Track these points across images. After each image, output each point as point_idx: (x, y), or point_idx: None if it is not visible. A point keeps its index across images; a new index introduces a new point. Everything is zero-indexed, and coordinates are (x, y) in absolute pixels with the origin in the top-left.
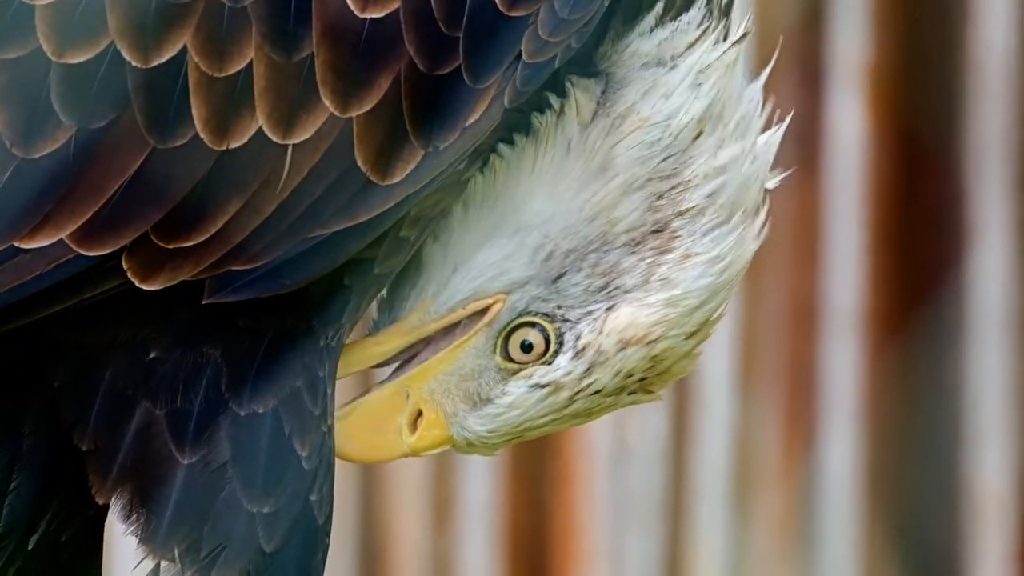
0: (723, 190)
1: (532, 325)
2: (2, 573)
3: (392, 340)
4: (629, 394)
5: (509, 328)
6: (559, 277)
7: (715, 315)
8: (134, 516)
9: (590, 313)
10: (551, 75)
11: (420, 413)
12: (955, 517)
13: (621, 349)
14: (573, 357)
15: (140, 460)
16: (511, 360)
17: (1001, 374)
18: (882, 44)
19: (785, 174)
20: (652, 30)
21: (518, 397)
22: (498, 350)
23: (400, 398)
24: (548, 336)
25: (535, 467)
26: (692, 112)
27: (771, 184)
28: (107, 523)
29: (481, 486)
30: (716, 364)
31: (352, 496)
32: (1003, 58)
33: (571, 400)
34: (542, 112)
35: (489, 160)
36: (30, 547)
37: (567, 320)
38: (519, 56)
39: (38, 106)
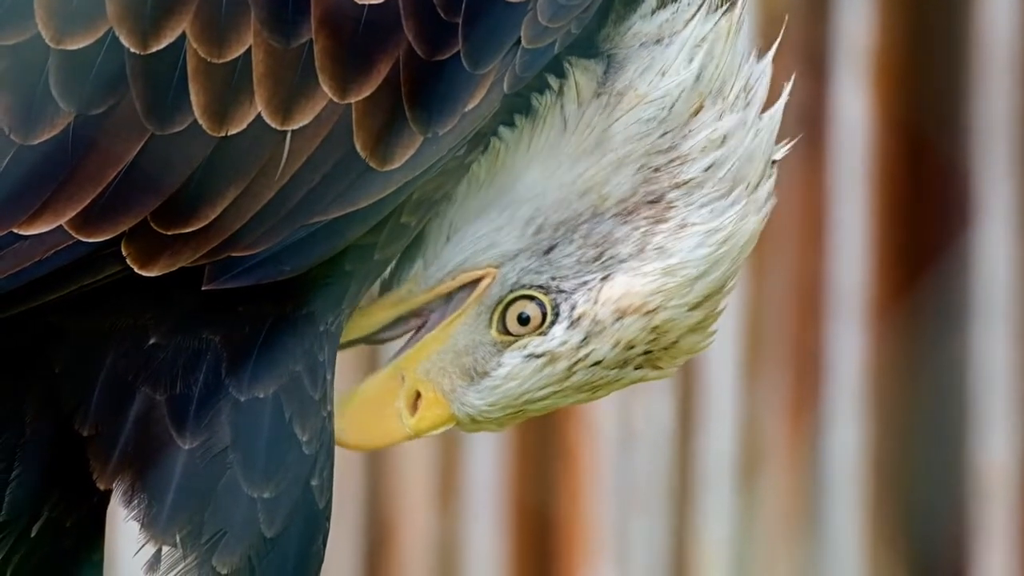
0: (723, 163)
1: (530, 298)
2: (6, 560)
3: (381, 311)
4: (636, 368)
5: (506, 302)
6: (551, 249)
7: (720, 288)
8: (135, 501)
9: (585, 283)
10: (554, 59)
11: (418, 394)
12: (961, 499)
13: (618, 319)
14: (568, 327)
15: (141, 445)
16: (508, 333)
17: (1006, 356)
18: (887, 27)
19: (789, 144)
20: (653, 12)
21: (514, 368)
22: (495, 324)
23: (396, 381)
24: (544, 308)
25: (540, 450)
26: (685, 83)
27: (777, 156)
28: (109, 509)
29: (486, 470)
30: (721, 348)
31: (358, 479)
32: (1007, 41)
33: (570, 371)
34: (542, 93)
35: (490, 143)
36: (33, 534)
37: (562, 291)
38: (518, 42)
39: (37, 92)
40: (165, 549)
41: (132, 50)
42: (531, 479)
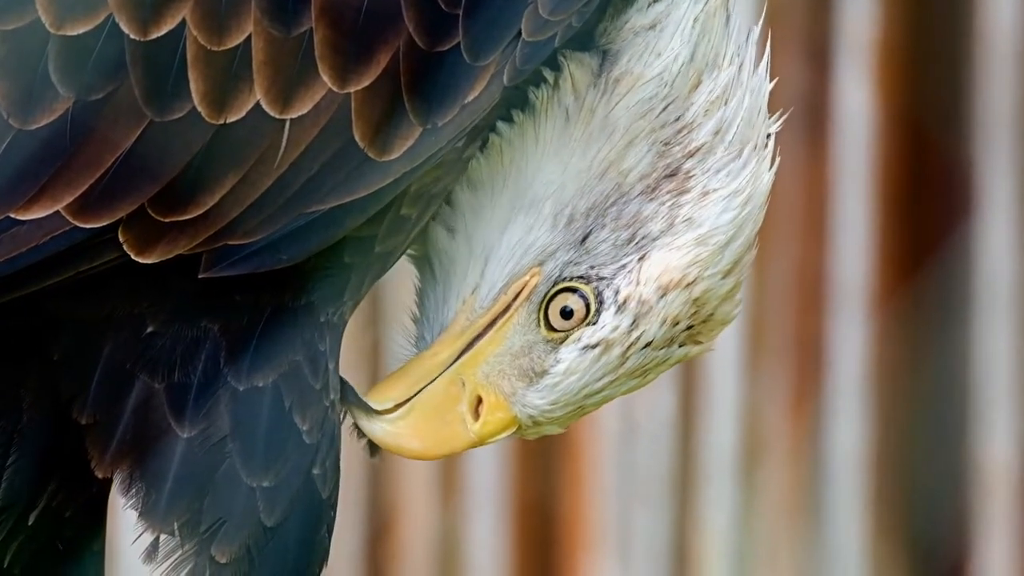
0: (729, 126)
1: (569, 291)
2: (3, 547)
3: (448, 346)
4: (680, 346)
5: (547, 298)
6: (585, 237)
7: (746, 251)
8: (133, 490)
9: (624, 267)
10: (553, 53)
11: (480, 399)
12: (962, 492)
13: (662, 295)
14: (617, 312)
15: (139, 434)
16: (555, 329)
17: (1008, 349)
18: (889, 20)
19: (787, 113)
20: (649, 5)
21: (572, 362)
22: (541, 322)
23: (456, 387)
24: (587, 298)
25: (542, 442)
26: (681, 57)
27: (775, 127)
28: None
29: (488, 461)
30: (723, 341)
31: (359, 472)
32: (1010, 35)
33: (624, 357)
34: (538, 87)
35: (488, 139)
36: (30, 522)
37: (603, 278)
38: (519, 34)
39: (36, 77)
40: (163, 538)
41: (132, 36)
42: (533, 471)
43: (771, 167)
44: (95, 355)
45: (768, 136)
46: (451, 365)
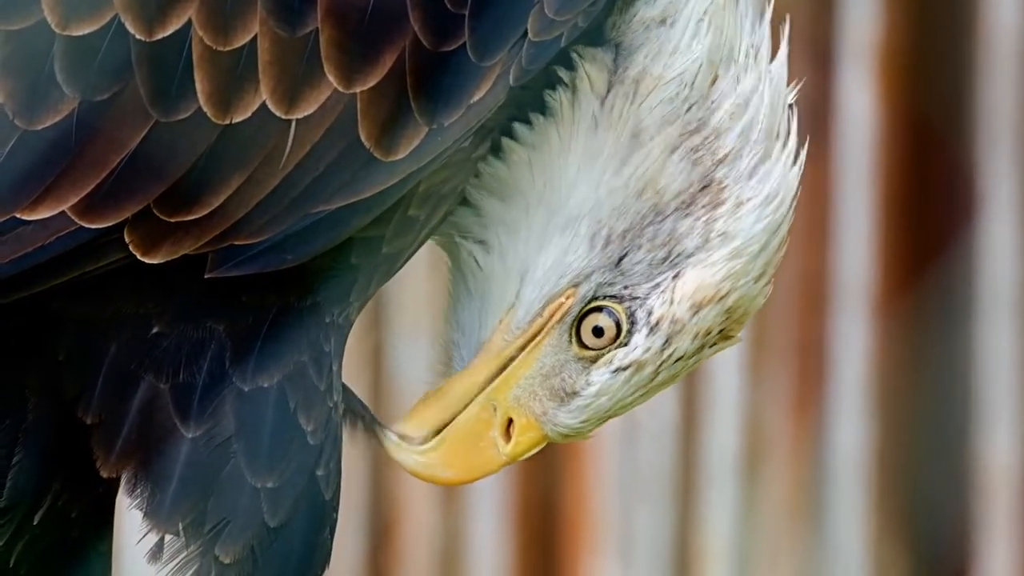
0: (753, 125)
1: (600, 309)
2: (9, 547)
3: (486, 367)
4: (710, 347)
5: (578, 317)
6: (621, 259)
7: (780, 251)
8: (138, 490)
9: (657, 286)
10: (561, 51)
11: (511, 421)
12: (964, 494)
13: (695, 313)
14: (649, 333)
15: (144, 434)
16: (587, 347)
17: (1011, 351)
18: (892, 22)
19: (800, 83)
20: None
21: (603, 384)
22: (573, 340)
23: (489, 412)
24: (618, 318)
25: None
26: (699, 56)
27: (791, 97)
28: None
29: None
30: None
31: (361, 472)
32: (1013, 37)
33: (655, 373)
34: (554, 89)
35: (503, 142)
36: (35, 522)
37: (636, 298)
38: (525, 34)
39: (41, 78)
40: (168, 538)
41: (138, 36)
42: (535, 472)
43: (796, 160)
44: (100, 355)
45: (790, 124)
46: (484, 390)
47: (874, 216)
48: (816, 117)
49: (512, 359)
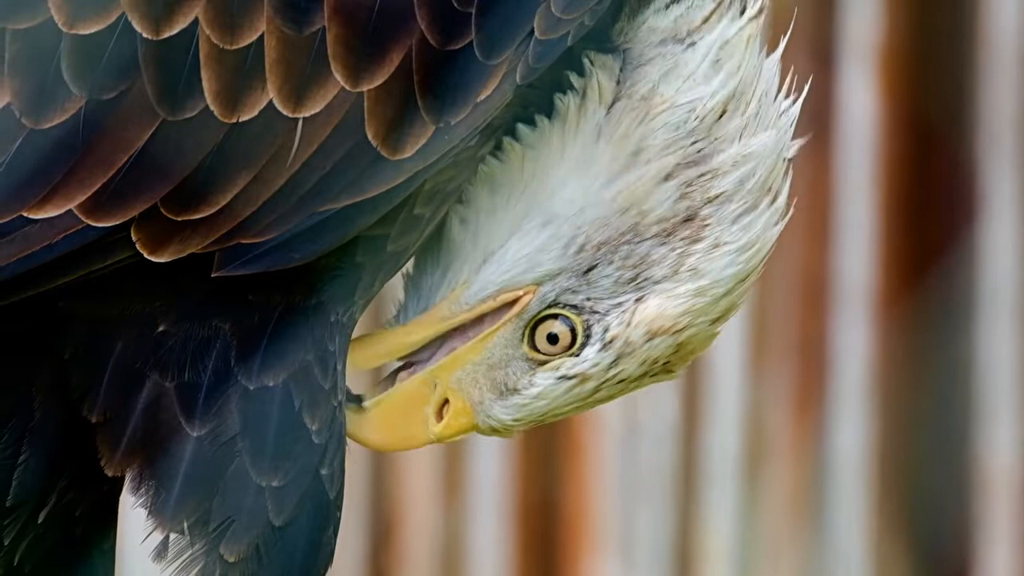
0: (751, 176)
1: (558, 317)
2: (13, 546)
3: (423, 330)
4: (651, 376)
5: (536, 319)
6: (590, 269)
7: (740, 300)
8: (143, 488)
9: (619, 305)
10: (568, 52)
11: (446, 402)
12: (965, 494)
13: (648, 340)
14: (601, 349)
15: (149, 433)
16: (538, 350)
17: (1012, 352)
18: (894, 23)
19: (802, 141)
20: (668, 6)
21: (545, 388)
22: (525, 340)
23: (428, 388)
24: (574, 328)
25: (545, 444)
26: (718, 96)
27: (790, 153)
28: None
29: (491, 463)
30: (727, 342)
31: (362, 472)
32: (1014, 37)
33: (596, 389)
34: (563, 92)
35: (503, 140)
36: (40, 520)
37: (595, 312)
38: (531, 33)
39: (48, 76)
40: (172, 536)
41: (144, 35)
42: (536, 472)
43: (784, 217)
44: (106, 354)
45: (787, 172)
46: (427, 366)
47: (875, 216)
48: (817, 117)
49: (453, 333)
